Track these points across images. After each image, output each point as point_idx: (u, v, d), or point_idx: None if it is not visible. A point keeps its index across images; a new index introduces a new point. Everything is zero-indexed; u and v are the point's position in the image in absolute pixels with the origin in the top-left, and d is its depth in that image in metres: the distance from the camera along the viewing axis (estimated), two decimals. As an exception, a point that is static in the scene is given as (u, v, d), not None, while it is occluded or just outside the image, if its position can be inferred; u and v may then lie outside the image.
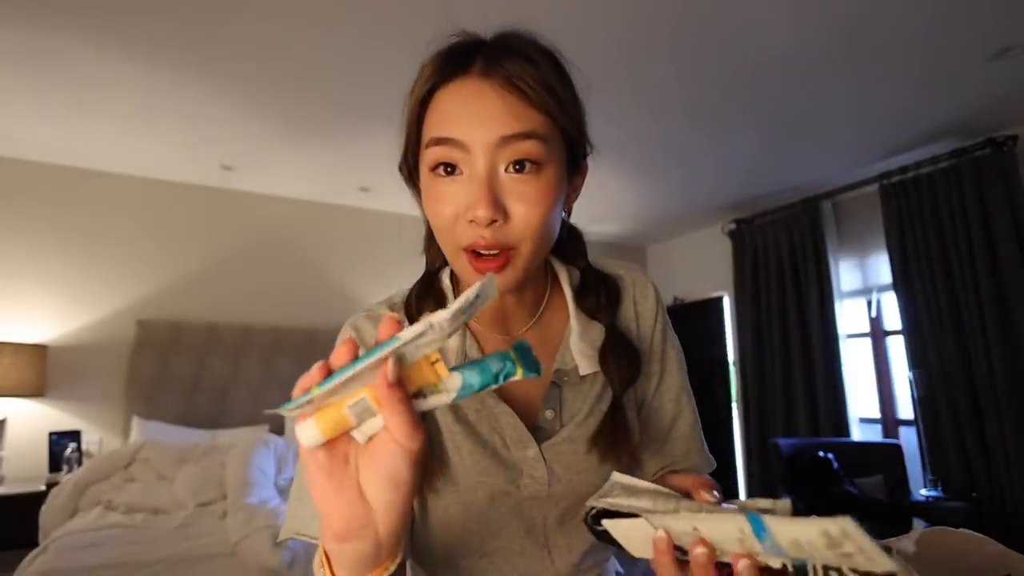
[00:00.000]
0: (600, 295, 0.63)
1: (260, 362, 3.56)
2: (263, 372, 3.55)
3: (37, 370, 2.96)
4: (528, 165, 0.49)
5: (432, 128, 0.51)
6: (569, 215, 0.62)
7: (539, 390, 0.61)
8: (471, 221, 0.49)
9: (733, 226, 4.46)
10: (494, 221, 0.49)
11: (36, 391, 2.96)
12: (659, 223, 4.74)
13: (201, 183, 3.66)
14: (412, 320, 0.61)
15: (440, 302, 0.62)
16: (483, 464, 0.57)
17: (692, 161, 3.47)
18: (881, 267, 3.61)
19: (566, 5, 2.01)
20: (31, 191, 3.22)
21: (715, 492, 0.44)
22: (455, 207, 0.50)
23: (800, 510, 0.35)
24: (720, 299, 4.76)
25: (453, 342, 0.60)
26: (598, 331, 0.62)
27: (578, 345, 0.61)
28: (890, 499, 2.94)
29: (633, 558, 0.49)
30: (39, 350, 3.00)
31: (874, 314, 3.71)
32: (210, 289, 3.61)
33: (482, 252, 0.50)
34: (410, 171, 0.57)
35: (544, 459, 0.58)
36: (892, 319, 3.61)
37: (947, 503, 2.84)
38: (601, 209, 4.29)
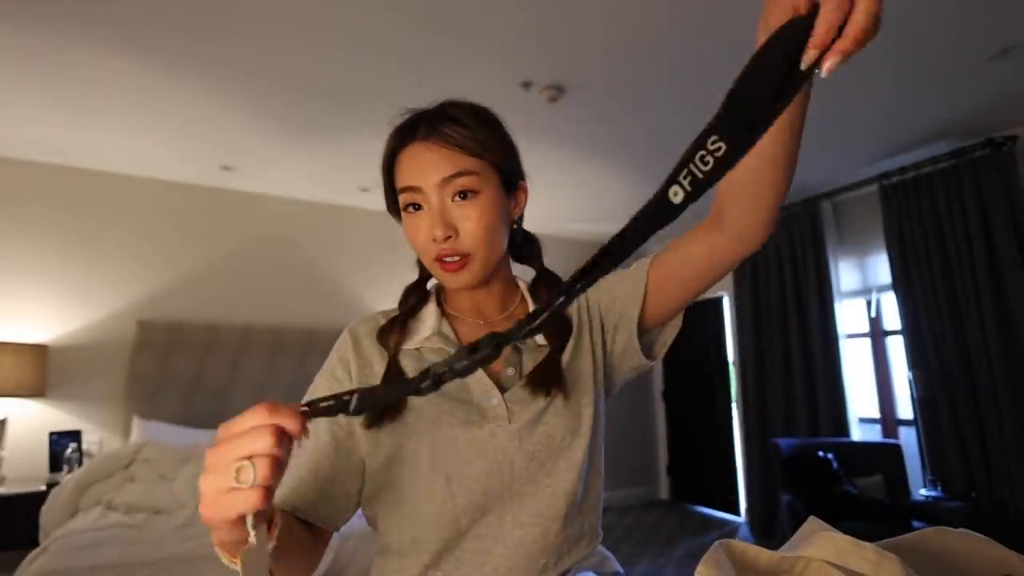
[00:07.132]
0: (546, 285, 0.79)
1: (260, 362, 3.56)
2: (263, 372, 3.56)
3: (37, 370, 2.96)
4: (468, 194, 0.67)
5: (399, 180, 0.70)
6: (519, 224, 0.78)
7: (503, 357, 0.73)
8: (434, 240, 0.67)
9: (733, 226, 4.45)
10: (448, 237, 0.66)
11: (36, 391, 2.96)
12: (659, 223, 4.73)
13: (201, 183, 3.66)
14: (404, 319, 0.76)
15: (423, 296, 0.78)
16: (446, 406, 0.69)
17: (692, 161, 3.47)
18: (881, 267, 3.61)
19: (568, 6, 2.02)
20: (31, 191, 3.22)
21: None
22: (424, 232, 0.68)
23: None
24: (720, 299, 4.77)
25: (430, 321, 0.75)
26: None
27: None
28: (889, 499, 2.94)
29: (632, 559, 0.49)
30: (39, 350, 3.00)
31: (874, 314, 3.71)
32: (210, 289, 3.61)
33: (446, 260, 0.67)
34: (395, 212, 0.75)
35: (506, 404, 0.69)
36: (892, 319, 3.62)
37: (946, 503, 2.84)
38: (601, 209, 4.27)
